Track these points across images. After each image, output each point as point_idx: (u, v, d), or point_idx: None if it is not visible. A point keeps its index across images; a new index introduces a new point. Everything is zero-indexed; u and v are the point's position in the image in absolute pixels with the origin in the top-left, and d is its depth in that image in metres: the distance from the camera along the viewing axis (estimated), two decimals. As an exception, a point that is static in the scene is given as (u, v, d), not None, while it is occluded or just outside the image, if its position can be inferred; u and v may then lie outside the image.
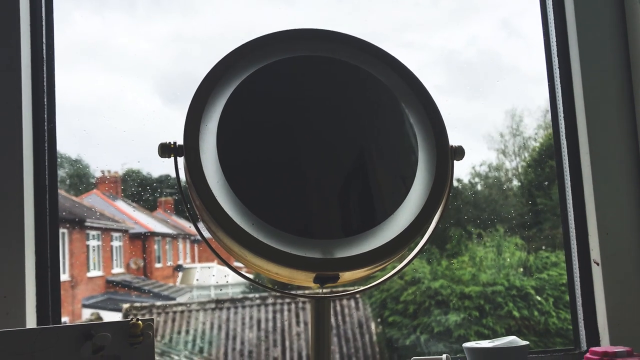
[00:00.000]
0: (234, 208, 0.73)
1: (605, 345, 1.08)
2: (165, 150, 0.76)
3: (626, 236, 1.11)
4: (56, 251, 1.02)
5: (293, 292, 0.88)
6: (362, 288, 0.87)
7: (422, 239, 0.84)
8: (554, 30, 1.19)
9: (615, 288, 1.09)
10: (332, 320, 2.48)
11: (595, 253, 1.11)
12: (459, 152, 0.83)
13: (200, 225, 0.79)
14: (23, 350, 0.72)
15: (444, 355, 0.88)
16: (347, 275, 0.77)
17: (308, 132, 0.79)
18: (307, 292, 0.87)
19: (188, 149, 0.74)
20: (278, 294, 2.41)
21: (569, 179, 1.16)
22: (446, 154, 0.81)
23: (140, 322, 0.75)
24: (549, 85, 1.20)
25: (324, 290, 0.79)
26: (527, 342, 0.88)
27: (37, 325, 0.98)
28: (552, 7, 1.20)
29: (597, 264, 1.11)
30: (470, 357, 0.89)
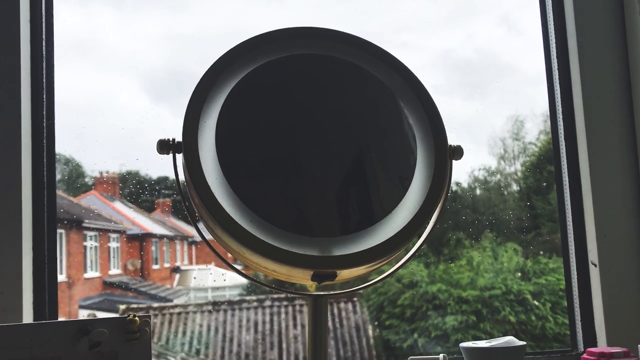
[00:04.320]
0: (232, 205, 0.73)
1: (602, 346, 1.08)
2: (164, 146, 0.76)
3: (624, 238, 1.11)
4: (53, 248, 1.02)
5: (291, 290, 0.88)
6: (359, 287, 0.87)
7: (419, 238, 0.84)
8: (554, 35, 1.20)
9: (613, 289, 1.09)
10: (330, 323, 2.48)
11: (593, 254, 1.11)
12: (457, 152, 0.83)
13: (200, 225, 0.79)
14: (20, 345, 0.71)
15: (441, 355, 0.88)
16: (344, 274, 0.77)
17: (308, 130, 0.79)
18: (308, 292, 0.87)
19: (186, 146, 0.74)
20: (275, 295, 2.40)
21: (567, 180, 1.16)
22: (445, 153, 0.81)
23: (137, 318, 0.75)
24: (548, 89, 1.20)
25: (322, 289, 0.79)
26: (524, 343, 0.88)
27: (34, 321, 0.98)
28: (552, 15, 1.20)
29: (595, 265, 1.11)
30: (467, 357, 0.89)
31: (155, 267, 2.80)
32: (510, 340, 0.89)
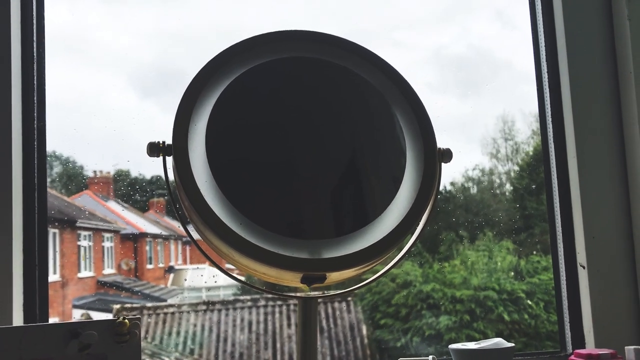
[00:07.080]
0: (222, 208, 0.74)
1: (590, 347, 1.09)
2: (154, 149, 0.76)
3: (612, 240, 1.12)
4: (45, 250, 1.02)
5: (283, 293, 0.88)
6: (347, 289, 0.87)
7: (410, 240, 0.85)
8: (543, 36, 1.20)
9: (601, 291, 1.10)
10: (324, 322, 2.48)
11: (581, 257, 1.12)
12: (446, 155, 0.83)
13: (190, 227, 0.80)
14: (9, 347, 0.72)
15: (430, 357, 0.89)
16: (334, 276, 0.78)
17: (299, 133, 0.79)
18: (298, 294, 0.87)
19: (176, 149, 0.74)
20: (269, 295, 2.41)
21: (556, 183, 1.17)
22: (434, 156, 0.81)
23: (126, 320, 0.75)
24: (537, 90, 1.21)
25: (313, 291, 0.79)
26: (513, 344, 0.88)
27: (24, 324, 0.98)
28: (541, 17, 1.21)
29: (583, 268, 1.11)
30: (456, 359, 0.89)
31: (149, 266, 2.80)
32: (499, 342, 0.89)
